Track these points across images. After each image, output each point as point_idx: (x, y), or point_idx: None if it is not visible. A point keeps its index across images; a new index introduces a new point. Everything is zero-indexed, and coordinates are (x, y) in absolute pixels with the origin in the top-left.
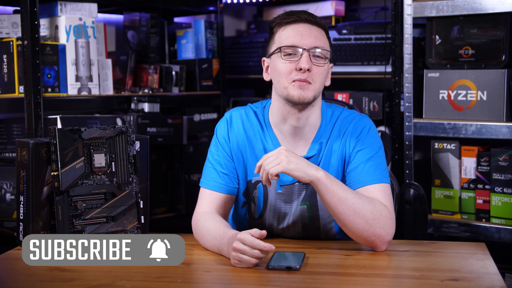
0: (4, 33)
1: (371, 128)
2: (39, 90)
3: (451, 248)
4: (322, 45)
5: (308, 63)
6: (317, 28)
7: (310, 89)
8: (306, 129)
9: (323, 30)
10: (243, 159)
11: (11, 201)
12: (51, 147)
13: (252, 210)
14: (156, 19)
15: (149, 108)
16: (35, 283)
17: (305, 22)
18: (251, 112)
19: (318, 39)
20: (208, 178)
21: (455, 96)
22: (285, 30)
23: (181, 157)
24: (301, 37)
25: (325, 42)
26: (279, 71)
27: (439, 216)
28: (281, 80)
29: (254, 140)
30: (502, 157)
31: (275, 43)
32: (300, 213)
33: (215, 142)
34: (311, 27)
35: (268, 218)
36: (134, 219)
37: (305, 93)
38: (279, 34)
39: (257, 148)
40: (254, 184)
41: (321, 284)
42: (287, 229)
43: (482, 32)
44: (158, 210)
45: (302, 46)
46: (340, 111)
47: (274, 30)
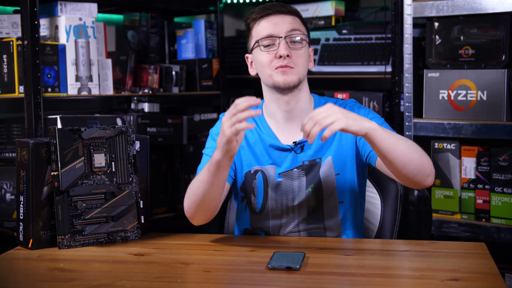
0: (4, 33)
1: (370, 111)
2: (39, 90)
3: (451, 248)
4: (297, 28)
5: (287, 50)
6: (290, 16)
7: (293, 73)
8: (297, 113)
9: (296, 17)
10: (239, 151)
11: (11, 201)
12: (51, 147)
13: (252, 203)
14: (156, 19)
15: (149, 108)
16: (35, 283)
17: (277, 13)
18: None
19: (292, 24)
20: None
21: (455, 96)
22: (260, 23)
23: (181, 157)
24: (276, 26)
25: (301, 26)
26: (261, 62)
27: (439, 216)
28: (265, 70)
29: (249, 133)
30: (502, 157)
31: (253, 37)
32: (306, 197)
33: (210, 138)
34: (284, 16)
35: (271, 208)
36: (134, 219)
37: (289, 77)
38: (255, 29)
39: (252, 139)
40: (254, 174)
41: (321, 284)
42: (292, 217)
43: (482, 32)
44: (158, 210)
45: (278, 35)
46: (335, 100)
47: (251, 26)
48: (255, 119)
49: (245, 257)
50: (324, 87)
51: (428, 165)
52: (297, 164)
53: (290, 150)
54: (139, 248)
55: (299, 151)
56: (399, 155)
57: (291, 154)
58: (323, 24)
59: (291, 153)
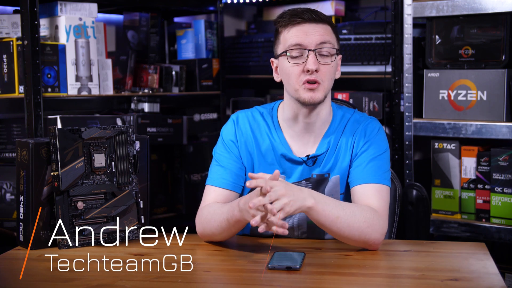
0: (4, 33)
1: (380, 131)
2: (39, 90)
3: (451, 248)
4: (327, 41)
5: (315, 64)
6: (322, 25)
7: (319, 89)
8: (317, 124)
9: (328, 26)
10: (251, 158)
11: (11, 201)
12: (51, 147)
13: None
14: (156, 19)
15: (149, 108)
16: (35, 283)
17: (309, 21)
18: (257, 114)
19: (323, 36)
20: (214, 176)
21: (455, 96)
22: (290, 31)
23: (181, 157)
24: (306, 36)
25: (331, 37)
26: (288, 74)
27: (439, 216)
28: (291, 83)
29: (261, 140)
30: (502, 157)
31: (281, 44)
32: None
33: (222, 144)
34: (315, 25)
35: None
36: (134, 219)
37: (315, 94)
38: (284, 36)
39: (264, 147)
40: None
41: (321, 284)
42: (291, 230)
43: (482, 32)
44: (158, 210)
45: (307, 47)
46: (351, 113)
47: (279, 31)
48: (269, 126)
49: (245, 257)
50: None
51: (371, 236)
52: (307, 176)
53: (302, 163)
54: (139, 248)
55: (311, 164)
56: (335, 231)
57: (302, 166)
58: None
59: (302, 165)
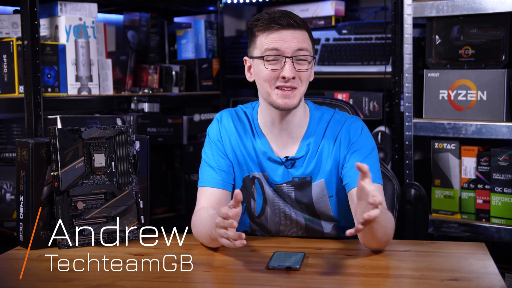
0: (4, 33)
1: (363, 130)
2: (39, 90)
3: (451, 248)
4: (304, 48)
5: (292, 72)
6: (299, 31)
7: (295, 95)
8: (292, 128)
9: (305, 31)
10: (236, 156)
11: (11, 201)
12: (51, 147)
13: (252, 207)
14: (156, 19)
15: (149, 108)
16: (35, 283)
17: (287, 28)
18: (241, 112)
19: (301, 43)
20: (204, 177)
21: (455, 96)
22: (267, 37)
23: (181, 157)
24: (283, 43)
25: (308, 44)
26: (262, 77)
27: (439, 216)
28: (265, 86)
29: (245, 138)
30: (502, 157)
31: (257, 48)
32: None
33: (208, 143)
34: (293, 32)
35: (269, 215)
36: (134, 219)
37: (290, 101)
38: (261, 40)
39: (247, 145)
40: (252, 180)
41: (321, 284)
42: (290, 227)
43: (482, 32)
44: (158, 210)
45: (284, 54)
46: (331, 114)
47: (256, 34)
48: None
49: (245, 257)
50: (324, 87)
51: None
52: (287, 180)
53: (281, 163)
54: (139, 248)
55: (289, 166)
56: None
57: (282, 167)
58: (323, 24)
59: (281, 166)
